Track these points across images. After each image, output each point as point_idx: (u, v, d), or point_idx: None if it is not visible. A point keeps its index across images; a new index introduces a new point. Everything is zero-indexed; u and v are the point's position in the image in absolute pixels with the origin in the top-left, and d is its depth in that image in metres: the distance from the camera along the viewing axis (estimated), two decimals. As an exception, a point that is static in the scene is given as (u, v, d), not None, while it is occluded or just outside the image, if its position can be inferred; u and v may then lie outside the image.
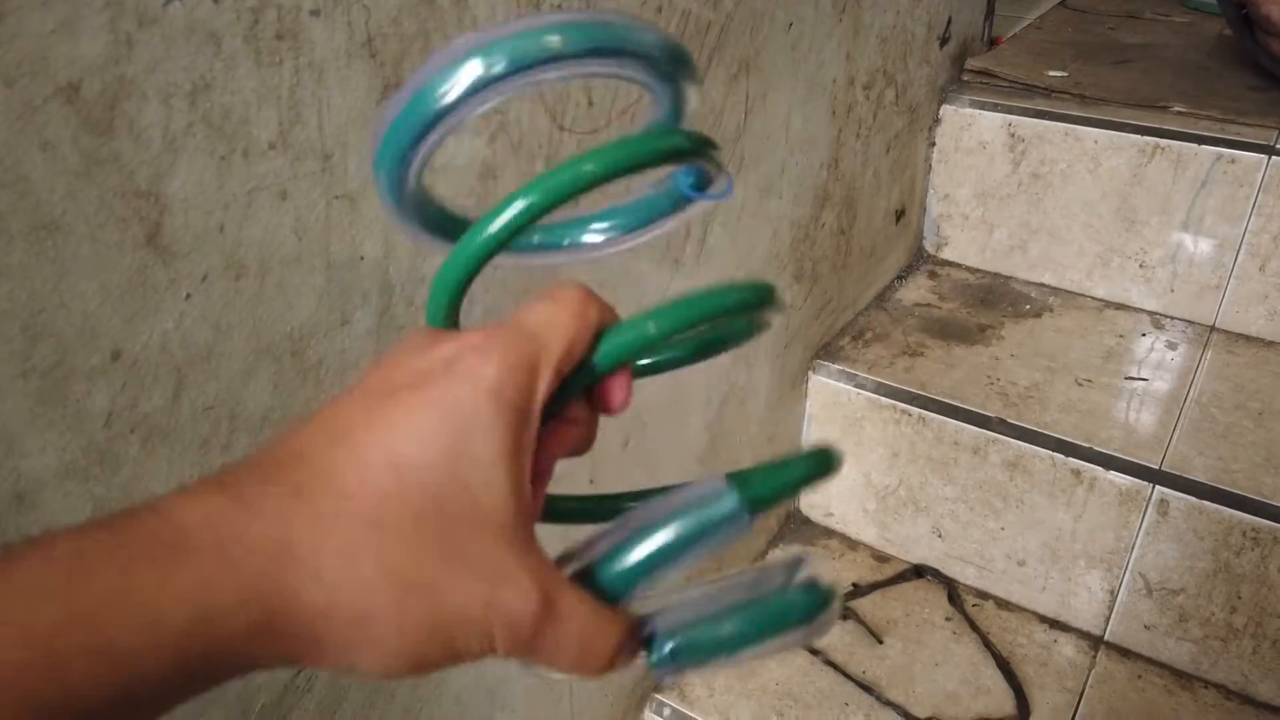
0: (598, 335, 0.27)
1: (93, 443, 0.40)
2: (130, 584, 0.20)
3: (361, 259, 0.49)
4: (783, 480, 0.27)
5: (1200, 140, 1.11)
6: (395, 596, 0.22)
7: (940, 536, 1.09)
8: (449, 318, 0.29)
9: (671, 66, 0.27)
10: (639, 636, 0.26)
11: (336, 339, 0.49)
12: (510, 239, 0.26)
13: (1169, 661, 1.00)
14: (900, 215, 1.24)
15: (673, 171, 0.31)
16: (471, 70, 0.24)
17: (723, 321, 0.32)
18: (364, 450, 0.23)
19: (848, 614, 1.05)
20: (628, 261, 0.72)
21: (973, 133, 1.24)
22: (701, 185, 0.31)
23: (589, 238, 0.33)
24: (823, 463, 0.27)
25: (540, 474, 0.29)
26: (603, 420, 0.30)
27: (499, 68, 0.24)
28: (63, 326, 0.37)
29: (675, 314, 0.28)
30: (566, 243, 0.33)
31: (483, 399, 0.24)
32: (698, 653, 0.26)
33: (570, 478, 0.64)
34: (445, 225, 0.31)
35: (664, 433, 0.85)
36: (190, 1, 0.38)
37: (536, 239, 0.32)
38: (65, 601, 0.19)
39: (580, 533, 0.28)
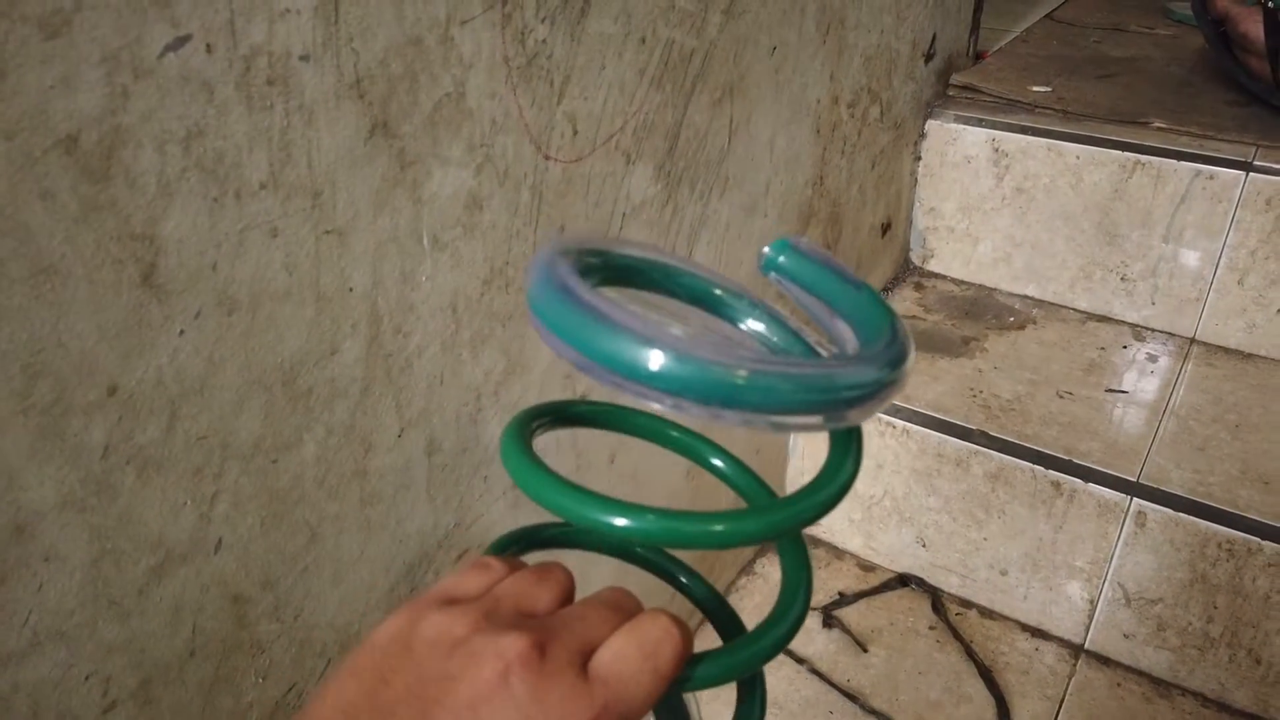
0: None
1: (90, 475, 0.41)
2: None
3: (350, 290, 0.51)
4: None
5: (1179, 156, 1.13)
6: None
7: (924, 546, 1.11)
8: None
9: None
10: None
11: (326, 368, 0.51)
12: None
13: (1148, 670, 1.02)
14: (886, 229, 1.26)
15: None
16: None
17: None
18: None
19: (832, 623, 1.07)
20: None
21: (958, 147, 1.26)
22: None
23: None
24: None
25: None
26: (587, 434, 0.31)
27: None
28: (61, 365, 0.39)
29: (759, 652, 0.29)
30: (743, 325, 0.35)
31: None
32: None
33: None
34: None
35: (651, 447, 0.87)
36: (184, 52, 0.39)
37: (719, 292, 0.35)
38: None
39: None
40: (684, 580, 0.37)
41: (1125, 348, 1.18)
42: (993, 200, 1.26)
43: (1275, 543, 0.90)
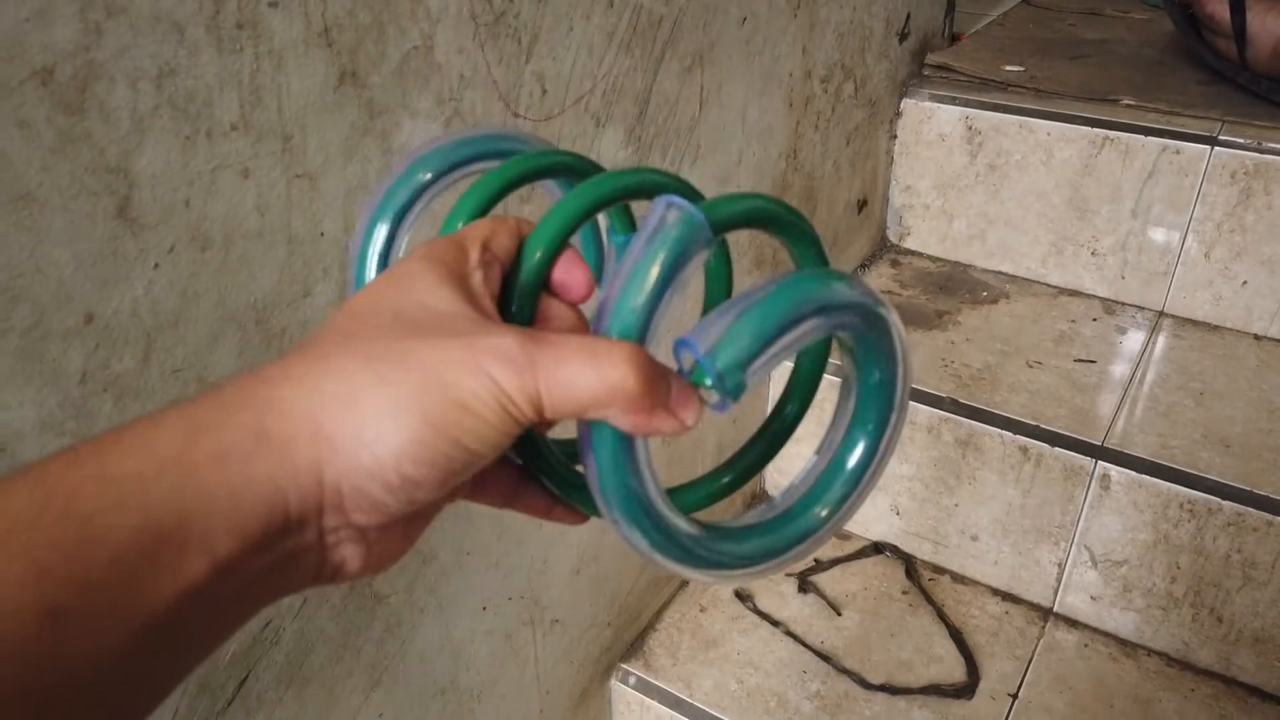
0: (524, 240, 0.30)
1: (68, 399, 0.43)
2: (123, 430, 0.22)
3: (322, 234, 0.53)
4: (743, 203, 0.29)
5: (1147, 132, 1.15)
6: (371, 367, 0.23)
7: (898, 514, 1.13)
8: None
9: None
10: (681, 375, 0.26)
11: (299, 309, 0.53)
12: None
13: (1114, 631, 1.04)
14: (862, 206, 1.28)
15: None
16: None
17: None
18: (333, 316, 0.26)
19: (808, 588, 1.09)
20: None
21: (932, 125, 1.28)
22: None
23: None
24: (782, 204, 0.30)
25: None
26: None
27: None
28: (39, 290, 0.41)
29: (587, 192, 0.30)
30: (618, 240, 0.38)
31: (414, 261, 0.27)
32: (744, 353, 0.26)
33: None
34: None
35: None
36: (155, -7, 0.41)
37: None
38: (71, 451, 0.22)
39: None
40: None
41: (1095, 320, 1.21)
42: (967, 177, 1.28)
43: (1235, 503, 0.93)
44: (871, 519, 1.15)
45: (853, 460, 0.32)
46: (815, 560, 1.13)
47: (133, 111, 0.42)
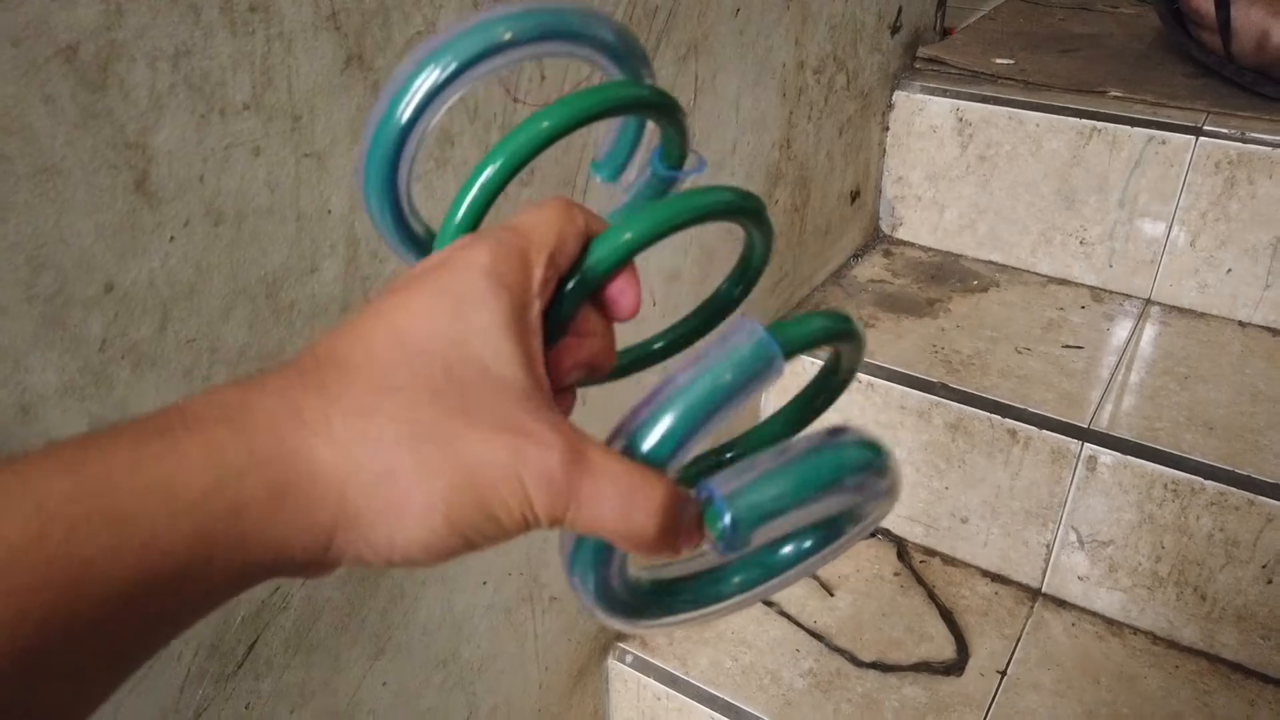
0: (589, 241, 0.28)
1: (89, 365, 0.45)
2: (141, 454, 0.20)
3: (329, 212, 0.55)
4: (814, 325, 0.28)
5: (1134, 123, 1.17)
6: (413, 447, 0.22)
7: (890, 497, 1.15)
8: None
9: (625, 51, 0.30)
10: (695, 506, 0.25)
11: (307, 285, 0.55)
12: (505, 179, 0.28)
13: (1101, 611, 1.07)
14: (855, 196, 1.30)
15: (650, 163, 0.33)
16: (423, 82, 0.27)
17: (713, 305, 0.36)
18: (367, 332, 0.23)
19: (801, 570, 1.11)
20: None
21: (924, 117, 1.30)
22: (675, 164, 0.33)
23: None
24: (846, 321, 0.29)
25: (561, 391, 0.28)
26: None
27: (448, 71, 0.26)
28: (62, 259, 0.43)
29: (666, 211, 0.28)
30: None
31: (477, 277, 0.24)
32: (759, 512, 0.25)
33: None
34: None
35: (621, 387, 0.91)
36: (173, -24, 0.43)
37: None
38: (78, 473, 0.19)
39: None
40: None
41: (1083, 308, 1.23)
42: (958, 168, 1.30)
43: (1217, 482, 0.95)
44: (864, 503, 1.18)
45: (796, 547, 0.29)
46: (809, 543, 1.15)
47: (151, 89, 0.44)
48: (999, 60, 1.35)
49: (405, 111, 0.27)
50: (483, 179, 0.29)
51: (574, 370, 0.28)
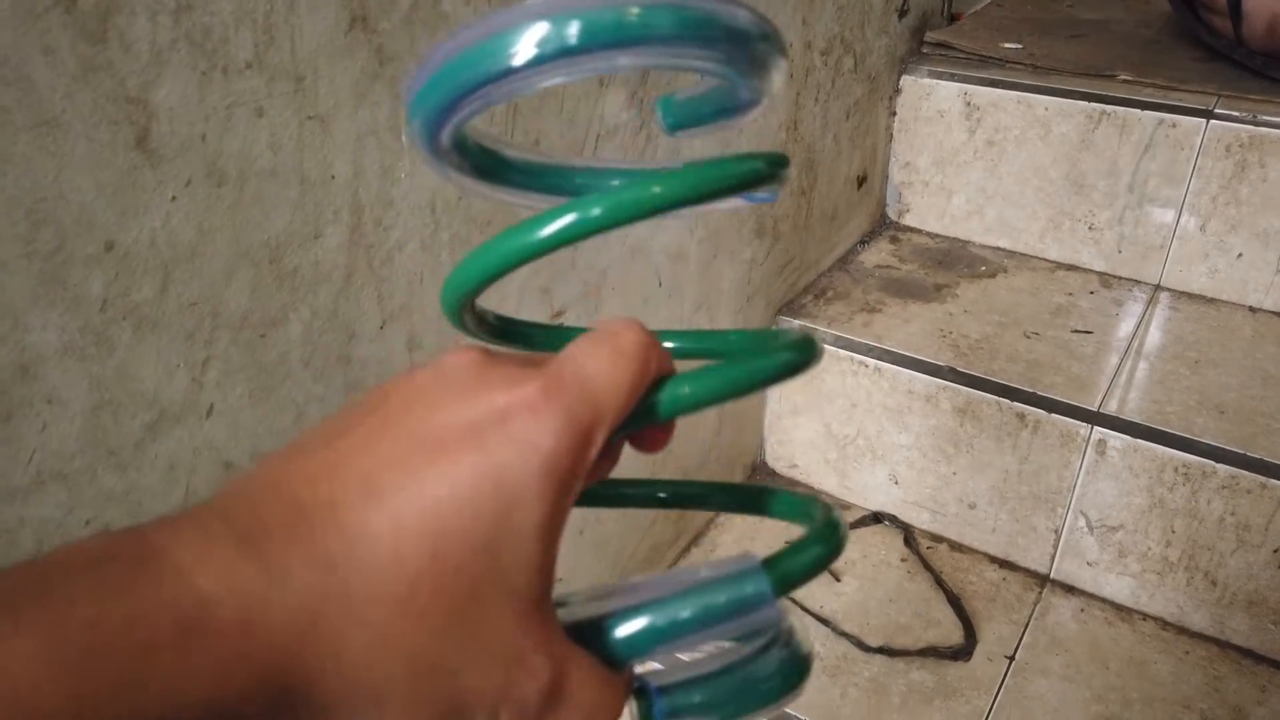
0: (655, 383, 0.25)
1: (89, 325, 0.44)
2: (148, 671, 0.18)
3: (333, 177, 0.54)
4: (811, 559, 0.26)
5: (1143, 106, 1.16)
6: (412, 680, 0.21)
7: (896, 483, 1.15)
8: (462, 312, 0.28)
9: (763, 60, 0.25)
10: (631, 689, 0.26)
11: (310, 250, 0.54)
12: (549, 252, 0.24)
13: (1110, 596, 1.06)
14: (862, 181, 1.30)
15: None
16: (549, 37, 0.22)
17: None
18: (404, 516, 0.21)
19: (808, 555, 1.10)
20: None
21: (931, 102, 1.29)
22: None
23: None
24: (839, 536, 0.27)
25: None
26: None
27: (575, 40, 0.22)
28: (62, 215, 0.42)
29: (734, 377, 0.26)
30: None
31: (534, 471, 0.22)
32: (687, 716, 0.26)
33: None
34: (490, 168, 0.28)
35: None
36: (174, -72, 0.42)
37: (579, 180, 0.30)
38: (76, 689, 0.17)
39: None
40: None
41: (1092, 293, 1.22)
42: (965, 154, 1.29)
43: (1229, 465, 0.94)
44: (870, 489, 1.17)
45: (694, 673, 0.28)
46: (815, 529, 1.14)
47: (152, 43, 0.43)
48: (1007, 45, 1.34)
49: (514, 56, 0.22)
50: (550, 238, 0.24)
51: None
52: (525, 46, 0.22)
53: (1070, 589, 1.07)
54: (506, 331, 0.32)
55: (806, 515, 0.30)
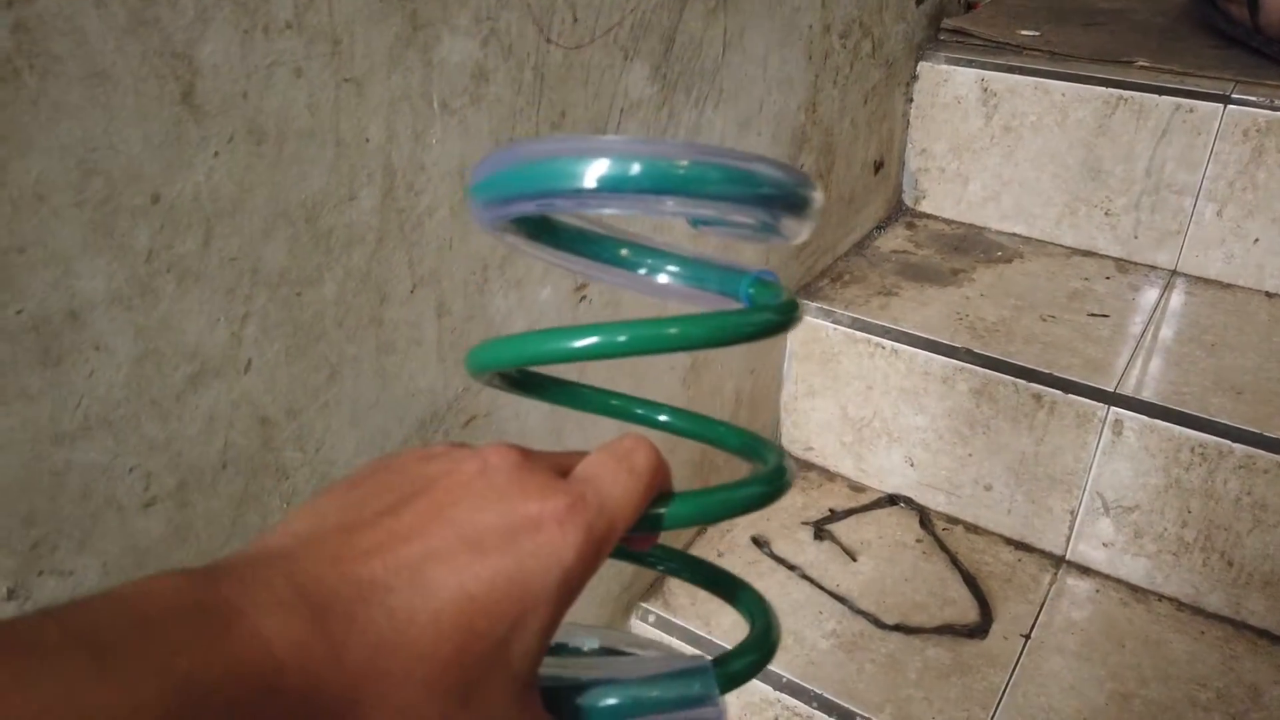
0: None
1: (135, 275, 0.46)
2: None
3: (367, 140, 0.55)
4: (754, 660, 0.29)
5: (1160, 91, 1.17)
6: None
7: (912, 465, 1.15)
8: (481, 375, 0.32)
9: (789, 216, 0.28)
10: None
11: (345, 212, 0.55)
12: (567, 362, 0.28)
13: (1125, 577, 1.06)
14: (879, 167, 1.30)
15: (740, 285, 0.33)
16: (615, 171, 0.25)
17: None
18: (444, 610, 0.23)
19: (823, 535, 1.11)
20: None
21: (948, 88, 1.30)
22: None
23: (661, 278, 0.34)
24: (773, 638, 0.31)
25: None
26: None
27: (638, 182, 0.25)
28: (111, 166, 0.43)
29: (730, 502, 0.29)
30: (642, 271, 0.34)
31: (556, 583, 0.24)
32: None
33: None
34: (537, 231, 0.32)
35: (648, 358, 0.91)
36: (221, -112, 0.44)
37: (624, 253, 0.34)
38: None
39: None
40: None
41: (1108, 278, 1.22)
42: (982, 140, 1.30)
43: (1246, 445, 0.94)
44: (886, 471, 1.17)
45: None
46: (830, 510, 1.15)
47: (197, 1, 0.44)
48: (1024, 32, 1.34)
49: (580, 180, 0.25)
50: (569, 350, 0.28)
51: None
52: (587, 178, 0.25)
53: (1086, 570, 1.08)
54: (521, 384, 0.35)
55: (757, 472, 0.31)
